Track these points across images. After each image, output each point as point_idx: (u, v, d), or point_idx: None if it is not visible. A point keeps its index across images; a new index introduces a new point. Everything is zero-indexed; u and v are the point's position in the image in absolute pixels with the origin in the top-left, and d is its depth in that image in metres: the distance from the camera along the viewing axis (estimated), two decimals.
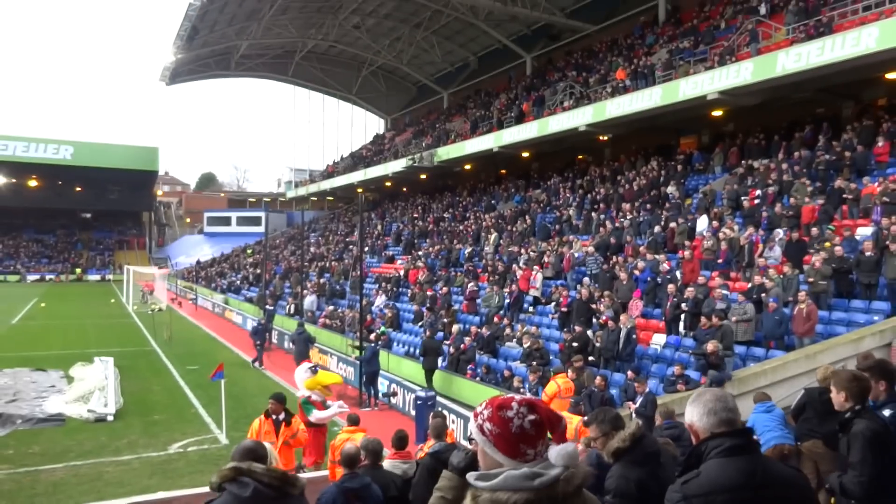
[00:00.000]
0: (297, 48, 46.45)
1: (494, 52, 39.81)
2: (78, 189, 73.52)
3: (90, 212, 79.15)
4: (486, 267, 21.46)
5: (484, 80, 41.05)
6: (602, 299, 14.86)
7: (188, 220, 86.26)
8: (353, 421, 8.06)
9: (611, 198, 22.02)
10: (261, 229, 60.45)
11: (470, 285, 19.99)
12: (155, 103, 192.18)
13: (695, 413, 2.52)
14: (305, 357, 18.80)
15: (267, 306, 25.18)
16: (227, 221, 74.26)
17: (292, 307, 26.67)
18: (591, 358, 13.03)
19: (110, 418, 13.15)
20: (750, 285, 12.81)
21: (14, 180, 69.55)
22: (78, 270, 65.48)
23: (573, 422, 6.84)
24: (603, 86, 24.87)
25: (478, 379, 14.37)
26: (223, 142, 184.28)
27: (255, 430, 8.06)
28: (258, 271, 35.58)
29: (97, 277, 64.95)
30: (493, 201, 29.93)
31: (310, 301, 25.62)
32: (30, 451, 11.15)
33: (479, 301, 19.05)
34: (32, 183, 70.63)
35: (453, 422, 11.21)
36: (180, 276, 56.67)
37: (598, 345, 13.25)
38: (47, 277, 63.42)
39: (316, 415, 9.69)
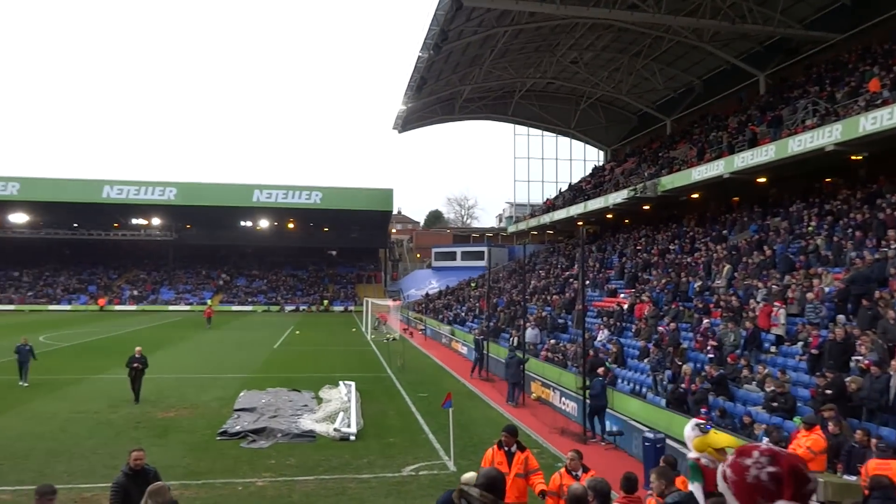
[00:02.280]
0: (517, 88, 47.96)
1: (722, 73, 37.48)
2: (325, 230, 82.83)
3: (335, 249, 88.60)
4: (719, 302, 19.98)
5: (711, 103, 38.77)
6: (862, 340, 13.02)
7: (418, 255, 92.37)
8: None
9: (869, 224, 19.34)
10: (484, 263, 62.72)
11: (705, 322, 18.74)
12: (388, 148, 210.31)
13: None
14: (518, 379, 19.04)
15: (476, 336, 26.15)
16: (452, 256, 78.13)
17: (515, 340, 27.11)
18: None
19: (353, 438, 14.35)
20: None
21: (276, 224, 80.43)
22: (325, 302, 73.14)
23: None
24: (853, 99, 22.12)
25: (711, 423, 13.31)
26: (448, 180, 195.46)
27: (488, 460, 7.96)
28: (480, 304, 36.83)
29: (341, 308, 71.91)
30: (724, 231, 27.90)
31: (532, 334, 25.85)
32: (287, 463, 12.57)
33: (719, 337, 17.76)
34: (290, 225, 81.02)
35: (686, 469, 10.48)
36: (411, 307, 60.60)
37: (858, 393, 11.57)
38: (301, 308, 71.68)
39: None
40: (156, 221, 77.15)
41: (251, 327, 47.73)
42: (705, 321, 18.78)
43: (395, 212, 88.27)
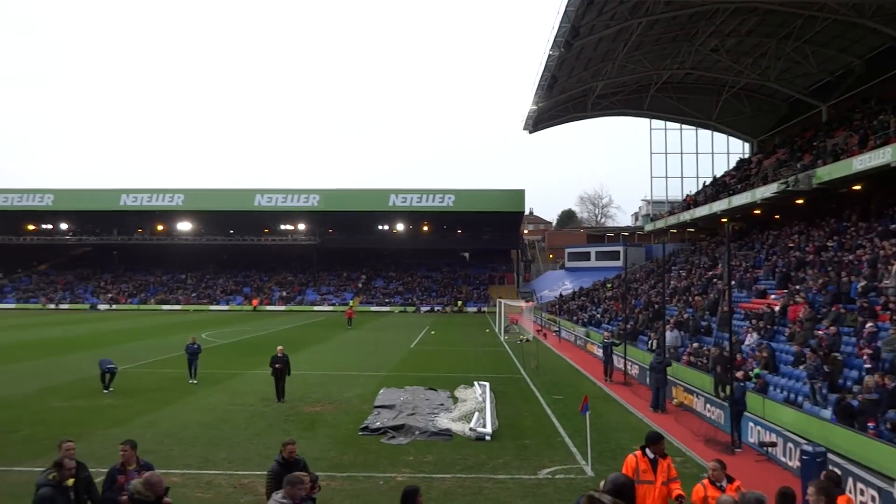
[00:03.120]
0: (652, 81, 46.12)
1: (887, 51, 33.87)
2: (458, 231, 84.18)
3: (468, 251, 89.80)
4: (888, 304, 18.06)
5: (874, 85, 35.14)
6: None
7: (551, 255, 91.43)
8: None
9: None
10: (619, 263, 60.97)
11: (869, 325, 17.03)
12: (519, 149, 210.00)
13: None
14: (664, 384, 18.24)
15: (605, 340, 25.33)
16: (586, 256, 76.59)
17: (654, 342, 26.09)
18: None
19: (488, 438, 14.43)
20: None
21: (411, 227, 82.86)
22: (459, 303, 74.26)
23: None
24: None
25: (884, 438, 12.07)
26: (580, 179, 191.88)
27: (631, 467, 7.54)
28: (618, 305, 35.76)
29: (474, 309, 72.68)
30: (892, 226, 25.19)
31: (672, 336, 24.73)
32: (425, 460, 12.86)
33: (879, 344, 16.09)
34: (424, 228, 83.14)
35: (851, 488, 9.58)
36: (545, 308, 60.06)
37: None
38: (435, 309, 73.26)
39: None
40: (301, 227, 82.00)
41: (389, 327, 49.44)
42: (869, 325, 17.04)
43: (526, 212, 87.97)
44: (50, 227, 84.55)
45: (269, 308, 73.40)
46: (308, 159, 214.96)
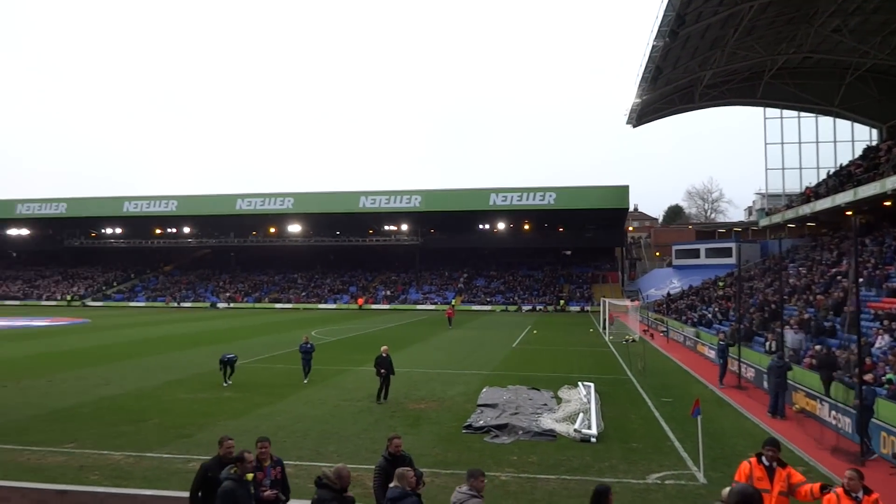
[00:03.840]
0: (766, 67, 43.54)
1: None
2: (560, 230, 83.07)
3: (570, 249, 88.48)
4: None
5: None
6: None
7: (657, 253, 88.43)
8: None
9: None
10: (731, 261, 58.06)
11: None
12: (622, 143, 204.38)
13: None
14: (783, 389, 17.18)
15: (720, 341, 24.08)
16: (695, 254, 73.49)
17: (772, 344, 24.62)
18: None
19: (594, 440, 14.14)
20: None
21: (512, 225, 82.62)
22: (562, 302, 73.28)
23: None
24: None
25: None
26: (688, 173, 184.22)
27: (745, 474, 7.17)
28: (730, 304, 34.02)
29: (577, 309, 71.49)
30: None
31: (793, 338, 23.24)
32: (529, 460, 12.77)
33: None
34: (525, 227, 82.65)
35: None
36: (651, 308, 58.15)
37: None
38: (537, 308, 72.64)
39: None
40: (404, 227, 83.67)
41: (490, 326, 49.51)
42: None
43: (631, 209, 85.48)
44: (174, 230, 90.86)
45: (373, 307, 75.42)
46: (410, 162, 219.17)
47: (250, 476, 7.12)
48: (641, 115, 48.09)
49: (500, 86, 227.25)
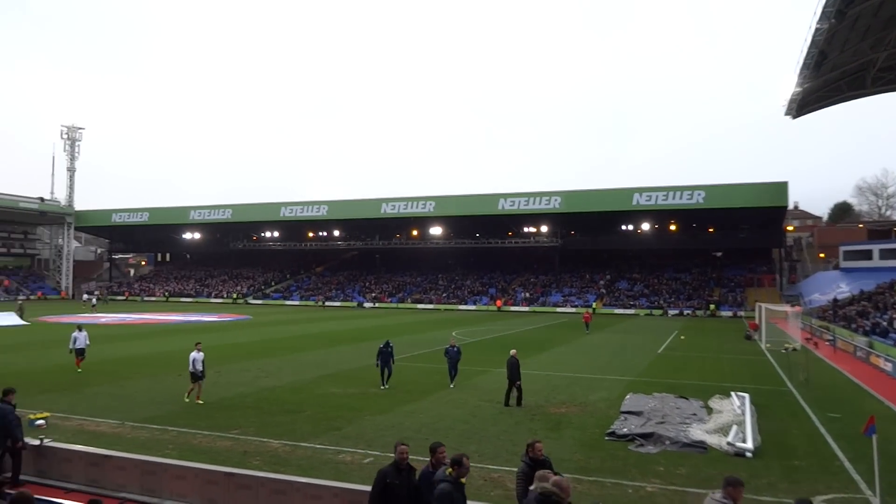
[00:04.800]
0: None
1: None
2: (710, 230, 78.58)
3: (721, 251, 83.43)
4: None
5: None
6: None
7: (821, 254, 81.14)
8: None
9: None
10: None
11: None
12: (778, 137, 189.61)
13: None
14: None
15: None
16: (867, 255, 66.61)
17: None
18: None
19: (749, 455, 13.20)
20: None
21: (656, 226, 79.33)
22: (712, 307, 69.22)
23: None
24: None
25: None
26: (857, 166, 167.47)
27: None
28: None
29: (729, 314, 67.25)
30: None
31: None
32: (677, 472, 12.16)
33: None
34: (671, 227, 79.02)
35: None
36: (815, 314, 53.44)
37: None
38: (685, 313, 69.17)
39: None
40: (543, 229, 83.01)
41: (633, 330, 47.82)
42: None
43: (790, 207, 79.06)
44: (325, 234, 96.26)
45: (512, 308, 75.45)
46: (549, 162, 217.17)
47: (464, 479, 7.18)
48: (802, 105, 44.32)
49: (643, 82, 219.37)
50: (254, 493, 9.36)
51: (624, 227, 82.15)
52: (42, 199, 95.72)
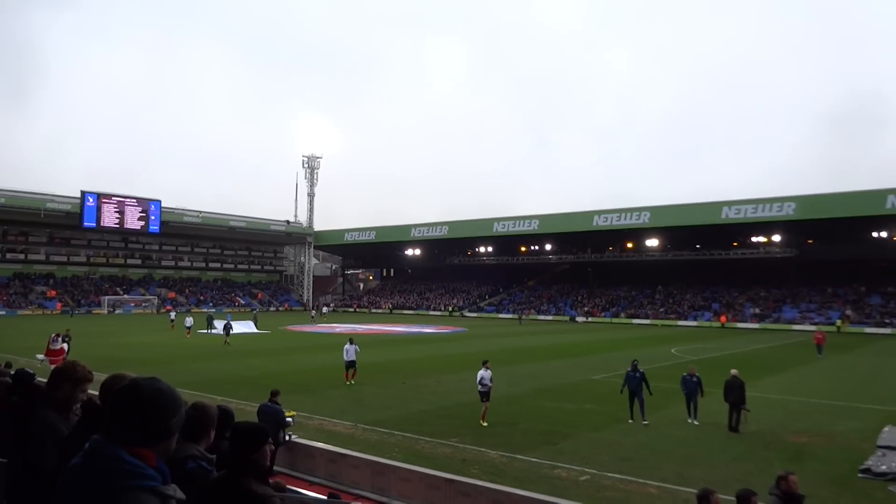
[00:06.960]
0: None
1: None
2: None
3: None
4: None
5: None
6: None
7: None
8: None
9: None
10: None
11: None
12: None
13: None
14: None
15: None
16: None
17: None
18: None
19: None
20: None
21: None
22: None
23: None
24: None
25: None
26: None
27: None
28: None
29: None
30: None
31: None
32: None
33: None
34: None
35: None
36: None
37: None
38: None
39: None
40: (775, 238, 75.76)
41: (891, 352, 41.51)
42: None
43: None
44: (536, 248, 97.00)
45: (738, 325, 69.54)
46: (782, 165, 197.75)
47: None
48: None
49: None
50: (473, 500, 9.64)
51: (875, 234, 71.99)
52: (288, 222, 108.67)
